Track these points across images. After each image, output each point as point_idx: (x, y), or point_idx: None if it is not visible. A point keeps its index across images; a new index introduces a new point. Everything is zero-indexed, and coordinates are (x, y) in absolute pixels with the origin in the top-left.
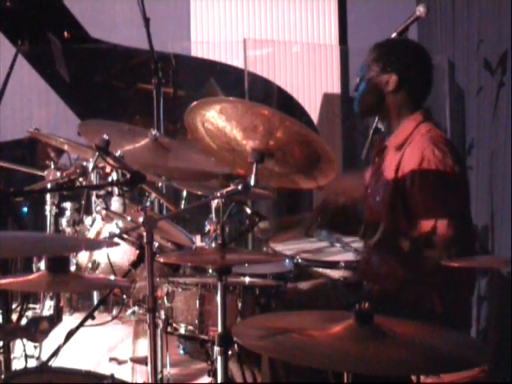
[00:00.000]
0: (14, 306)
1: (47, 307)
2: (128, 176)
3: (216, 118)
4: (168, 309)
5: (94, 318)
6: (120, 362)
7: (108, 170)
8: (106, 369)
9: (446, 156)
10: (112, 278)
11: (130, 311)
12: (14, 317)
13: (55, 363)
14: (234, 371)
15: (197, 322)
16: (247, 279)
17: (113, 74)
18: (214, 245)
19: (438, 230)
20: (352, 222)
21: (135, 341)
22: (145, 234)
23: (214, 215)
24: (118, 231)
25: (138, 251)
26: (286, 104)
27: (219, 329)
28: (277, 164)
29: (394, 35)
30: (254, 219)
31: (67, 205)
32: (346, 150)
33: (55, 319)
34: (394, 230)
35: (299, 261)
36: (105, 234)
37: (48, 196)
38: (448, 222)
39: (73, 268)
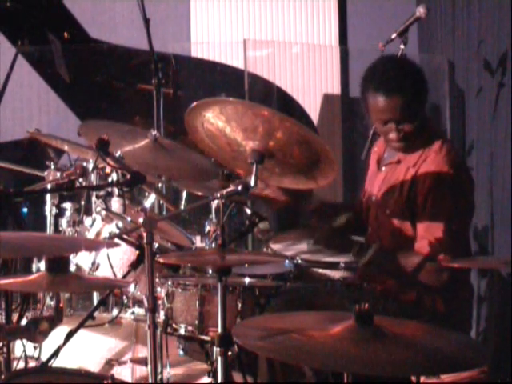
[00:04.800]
0: (14, 307)
1: (47, 308)
2: (128, 176)
3: (216, 119)
4: (168, 309)
5: (93, 318)
6: (120, 363)
7: (108, 170)
8: (105, 369)
9: (461, 177)
10: (112, 278)
11: (129, 312)
12: (14, 317)
13: (55, 364)
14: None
15: (197, 322)
16: (247, 280)
17: (113, 75)
18: (213, 245)
19: (434, 249)
20: (348, 242)
21: (135, 341)
22: (145, 234)
23: (213, 216)
24: (117, 232)
25: (137, 252)
26: (286, 105)
27: (219, 329)
28: (277, 164)
29: (394, 36)
30: (254, 220)
31: (67, 205)
32: (346, 151)
33: (55, 320)
34: (389, 249)
35: (299, 261)
36: (105, 235)
37: (48, 196)
38: (447, 244)
39: (73, 268)
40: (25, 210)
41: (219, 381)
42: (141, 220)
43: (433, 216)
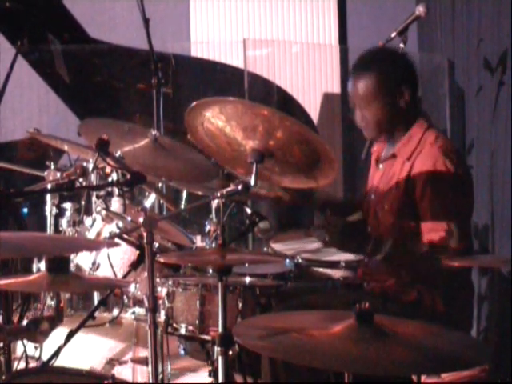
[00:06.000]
0: (14, 307)
1: (47, 308)
2: (128, 176)
3: (216, 118)
4: (168, 309)
5: (94, 318)
6: (120, 363)
7: (108, 170)
8: (106, 369)
9: (457, 167)
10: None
11: (130, 311)
12: (15, 317)
13: (56, 364)
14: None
15: (197, 322)
16: (247, 279)
17: (112, 75)
18: (214, 245)
19: (446, 241)
20: (360, 240)
21: (135, 341)
22: (145, 234)
23: (214, 215)
24: (118, 231)
25: (138, 251)
26: (286, 104)
27: (220, 329)
28: (277, 164)
29: (393, 35)
30: (254, 219)
31: (67, 205)
32: (346, 150)
33: (56, 320)
34: (401, 241)
35: (299, 261)
36: (105, 235)
37: (48, 197)
38: (457, 233)
39: (73, 268)
40: (25, 210)
41: (220, 380)
42: (141, 220)
43: (434, 208)
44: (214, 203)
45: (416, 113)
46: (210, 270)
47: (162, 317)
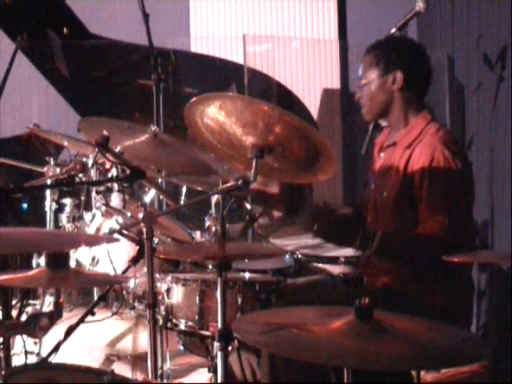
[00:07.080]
0: (13, 303)
1: (47, 303)
2: (128, 172)
3: (216, 114)
4: (168, 304)
5: (93, 314)
6: (120, 358)
7: (108, 166)
8: (105, 365)
9: (455, 157)
10: (112, 273)
11: (129, 307)
12: (14, 313)
13: (55, 359)
14: (234, 366)
15: (197, 317)
16: (247, 275)
17: (112, 70)
18: (213, 240)
19: (440, 229)
20: (347, 233)
21: (135, 337)
22: (145, 229)
23: (213, 211)
24: (117, 227)
25: (137, 247)
26: (286, 99)
27: (219, 324)
28: (276, 159)
29: (393, 30)
30: (254, 215)
31: (67, 201)
32: (346, 146)
33: (55, 315)
34: (391, 234)
35: (299, 256)
36: (105, 230)
37: (48, 192)
38: (450, 221)
39: (72, 264)
40: (25, 205)
41: (219, 376)
42: (141, 215)
43: (430, 198)
44: (214, 199)
45: (419, 104)
46: (210, 266)
47: (161, 312)
